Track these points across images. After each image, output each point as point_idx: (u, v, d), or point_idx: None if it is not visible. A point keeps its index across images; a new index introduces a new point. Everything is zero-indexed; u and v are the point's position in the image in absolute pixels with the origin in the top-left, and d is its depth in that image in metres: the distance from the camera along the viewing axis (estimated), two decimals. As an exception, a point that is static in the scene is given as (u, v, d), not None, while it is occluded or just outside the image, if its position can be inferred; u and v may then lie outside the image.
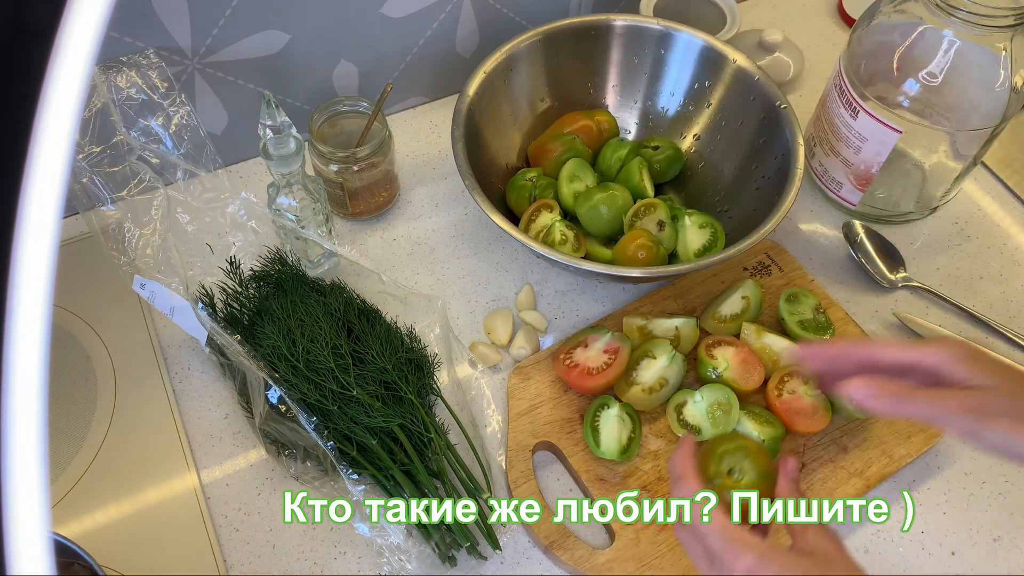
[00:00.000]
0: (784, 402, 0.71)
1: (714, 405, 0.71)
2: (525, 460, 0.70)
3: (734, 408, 0.70)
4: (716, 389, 0.71)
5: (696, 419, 0.71)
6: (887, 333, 0.81)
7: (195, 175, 0.74)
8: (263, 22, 0.78)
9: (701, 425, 0.71)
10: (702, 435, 0.70)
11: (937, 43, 0.74)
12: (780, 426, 0.70)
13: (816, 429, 0.71)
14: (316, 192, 0.75)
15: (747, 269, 0.83)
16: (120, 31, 0.73)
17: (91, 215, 0.71)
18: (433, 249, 0.85)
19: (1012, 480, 0.72)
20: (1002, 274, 0.86)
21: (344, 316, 0.71)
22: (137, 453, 0.71)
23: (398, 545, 0.63)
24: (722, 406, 0.71)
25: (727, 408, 0.70)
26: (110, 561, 0.65)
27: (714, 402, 0.71)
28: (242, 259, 0.75)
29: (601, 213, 0.80)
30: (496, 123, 0.85)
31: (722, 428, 0.70)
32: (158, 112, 0.74)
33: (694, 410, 0.71)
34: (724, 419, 0.70)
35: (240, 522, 0.69)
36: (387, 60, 0.89)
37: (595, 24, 0.86)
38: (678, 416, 0.72)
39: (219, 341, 0.70)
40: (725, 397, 0.71)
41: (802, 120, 0.83)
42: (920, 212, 0.88)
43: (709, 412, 0.71)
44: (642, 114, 0.91)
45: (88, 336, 0.77)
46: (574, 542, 0.67)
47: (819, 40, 1.06)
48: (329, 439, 0.64)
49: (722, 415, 0.70)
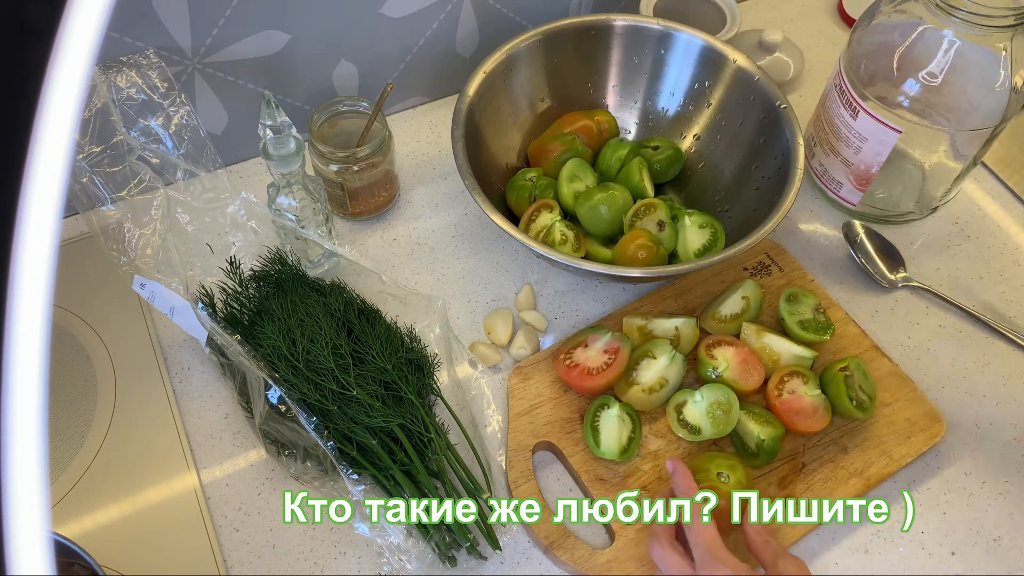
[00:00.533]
0: (784, 402, 0.71)
1: (714, 405, 0.71)
2: (525, 460, 0.70)
3: (734, 408, 0.70)
4: (716, 389, 0.71)
5: (696, 419, 0.71)
6: (887, 333, 0.81)
7: (195, 175, 0.74)
8: (263, 22, 0.78)
9: (701, 425, 0.71)
10: (702, 435, 0.70)
11: (937, 43, 0.74)
12: (780, 426, 0.70)
13: (816, 429, 0.71)
14: (316, 192, 0.75)
15: (747, 269, 0.83)
16: (120, 31, 0.73)
17: (91, 215, 0.71)
18: (433, 249, 0.85)
19: (1012, 480, 0.73)
20: (1002, 274, 0.86)
21: (344, 316, 0.71)
22: (137, 453, 0.71)
23: (398, 545, 0.63)
24: (722, 406, 0.71)
25: (727, 408, 0.70)
26: (110, 561, 0.65)
27: (714, 402, 0.71)
28: (242, 259, 0.75)
29: (601, 213, 0.80)
30: (496, 123, 0.85)
31: (722, 428, 0.70)
32: (158, 112, 0.74)
33: (694, 410, 0.71)
34: (724, 419, 0.70)
35: (240, 522, 0.69)
36: (387, 60, 0.89)
37: (595, 24, 0.86)
38: (678, 416, 0.72)
39: (219, 341, 0.70)
40: (725, 397, 0.71)
41: (802, 120, 0.83)
42: (920, 212, 0.88)
43: (709, 412, 0.71)
44: (642, 114, 0.91)
45: (88, 336, 0.77)
46: (574, 542, 0.67)
47: (819, 40, 1.06)
48: (329, 439, 0.64)
49: (722, 415, 0.70)
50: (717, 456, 0.68)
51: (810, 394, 0.72)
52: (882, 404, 0.74)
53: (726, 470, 0.66)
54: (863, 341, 0.78)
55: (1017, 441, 0.75)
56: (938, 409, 0.75)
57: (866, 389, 0.73)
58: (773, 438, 0.69)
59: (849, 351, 0.78)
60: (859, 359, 0.74)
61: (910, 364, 0.79)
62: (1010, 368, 0.79)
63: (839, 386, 0.71)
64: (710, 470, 0.66)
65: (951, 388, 0.78)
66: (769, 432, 0.70)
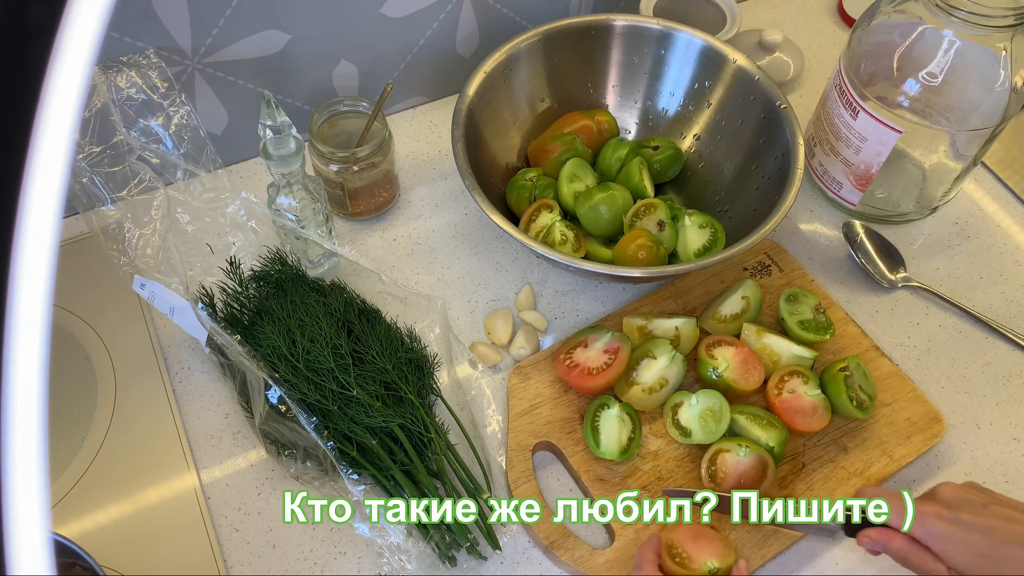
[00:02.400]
0: (784, 401, 0.71)
1: (707, 411, 0.71)
2: (525, 460, 0.70)
3: (724, 417, 0.70)
4: (711, 395, 0.71)
5: (688, 422, 0.71)
6: (887, 333, 0.81)
7: (195, 175, 0.74)
8: (263, 22, 0.78)
9: (692, 429, 0.71)
10: (691, 439, 0.70)
11: (937, 43, 0.74)
12: (784, 429, 0.70)
13: (815, 429, 0.71)
14: (316, 192, 0.75)
15: (747, 269, 0.83)
16: (120, 31, 0.73)
17: (91, 215, 0.71)
18: (433, 249, 0.85)
19: (1012, 480, 0.72)
20: (1002, 274, 0.86)
21: (344, 316, 0.71)
22: (137, 453, 0.71)
23: (398, 545, 0.63)
24: (714, 413, 0.70)
25: (718, 416, 0.70)
26: (110, 561, 0.65)
27: (707, 408, 0.71)
28: (242, 259, 0.75)
29: (601, 213, 0.80)
30: (496, 123, 0.85)
31: (711, 436, 0.70)
32: (158, 112, 0.74)
33: (688, 413, 0.71)
34: (714, 427, 0.70)
35: (240, 522, 0.69)
36: (387, 60, 0.89)
37: (595, 24, 0.86)
38: (673, 416, 0.72)
39: (219, 341, 0.70)
40: (718, 404, 0.71)
41: (802, 120, 0.83)
42: (920, 212, 0.88)
43: (701, 417, 0.70)
44: (642, 114, 0.91)
45: (88, 336, 0.77)
46: (574, 542, 0.67)
47: (819, 40, 1.06)
48: (329, 439, 0.64)
49: (712, 423, 0.70)
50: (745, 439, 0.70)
51: (810, 394, 0.72)
52: (882, 404, 0.74)
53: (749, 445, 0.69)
54: (863, 341, 0.78)
55: (1017, 441, 0.75)
56: (938, 409, 0.75)
57: (866, 389, 0.73)
58: (780, 442, 0.69)
59: (849, 351, 0.78)
60: (859, 359, 0.74)
61: (910, 364, 0.79)
62: (1010, 368, 0.79)
63: (839, 386, 0.71)
64: (734, 439, 0.69)
65: (951, 388, 0.78)
66: (775, 436, 0.70)
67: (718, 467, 0.68)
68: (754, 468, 0.68)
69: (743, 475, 0.68)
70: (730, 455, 0.68)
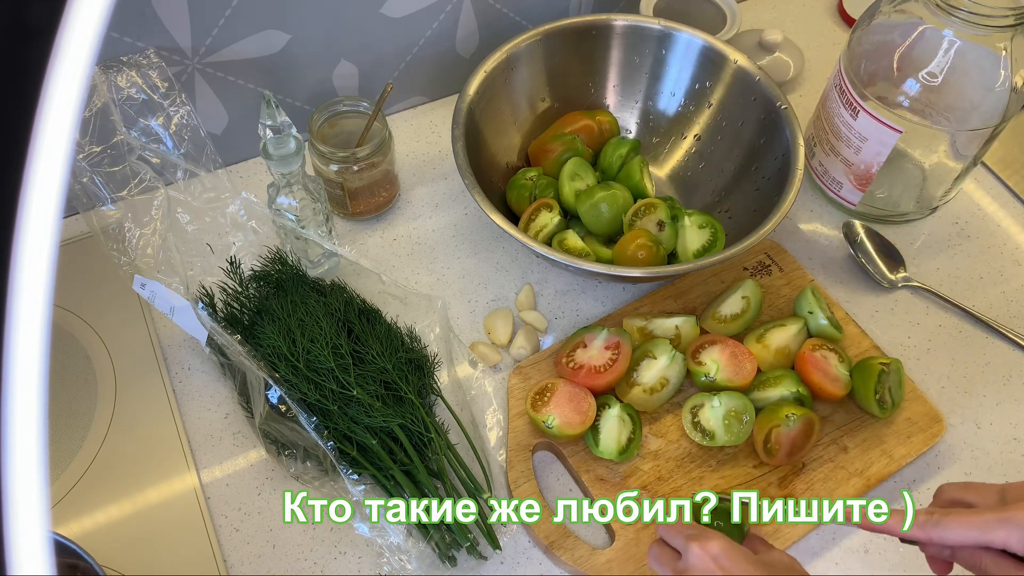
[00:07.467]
0: (814, 358, 0.73)
1: (731, 413, 0.71)
2: (525, 460, 0.70)
3: (749, 418, 0.70)
4: (736, 397, 0.71)
5: (712, 424, 0.71)
6: (887, 333, 0.81)
7: (195, 175, 0.74)
8: (263, 22, 0.78)
9: (716, 431, 0.70)
10: (714, 441, 0.70)
11: (937, 43, 0.74)
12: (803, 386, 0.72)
13: (832, 392, 0.72)
14: (316, 192, 0.75)
15: (747, 269, 0.83)
16: (120, 31, 0.73)
17: (91, 215, 0.71)
18: (433, 249, 0.85)
19: (1012, 480, 0.72)
20: (1002, 274, 0.86)
21: (344, 316, 0.71)
22: (137, 453, 0.71)
23: (398, 545, 0.63)
24: (739, 416, 0.70)
25: (744, 419, 0.70)
26: (110, 561, 0.65)
27: (731, 409, 0.71)
28: (242, 259, 0.75)
29: (602, 211, 0.80)
30: (496, 123, 0.85)
31: (736, 437, 0.70)
32: (158, 112, 0.74)
33: (711, 415, 0.71)
34: (738, 428, 0.70)
35: (240, 522, 0.69)
36: (387, 60, 0.89)
37: (595, 24, 0.86)
38: (693, 418, 0.72)
39: (219, 341, 0.70)
40: (743, 407, 0.71)
41: (802, 120, 0.83)
42: (920, 212, 0.88)
43: (726, 419, 0.70)
44: (642, 114, 0.91)
45: (88, 336, 0.77)
46: (574, 542, 0.67)
47: (819, 40, 1.06)
48: (329, 439, 0.64)
49: (736, 424, 0.70)
50: (784, 404, 0.71)
51: (839, 368, 0.73)
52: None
53: (794, 411, 0.69)
54: (863, 341, 0.78)
55: (1017, 441, 0.75)
56: (938, 409, 0.75)
57: (894, 394, 0.73)
58: (806, 391, 0.72)
59: (849, 351, 0.78)
60: (900, 363, 0.74)
61: (910, 364, 0.79)
62: (1010, 368, 0.79)
63: (871, 378, 0.71)
64: (779, 413, 0.69)
65: (951, 388, 0.78)
66: (797, 383, 0.72)
67: (772, 442, 0.69)
68: (803, 432, 0.69)
69: (795, 441, 0.69)
70: (782, 428, 0.69)
